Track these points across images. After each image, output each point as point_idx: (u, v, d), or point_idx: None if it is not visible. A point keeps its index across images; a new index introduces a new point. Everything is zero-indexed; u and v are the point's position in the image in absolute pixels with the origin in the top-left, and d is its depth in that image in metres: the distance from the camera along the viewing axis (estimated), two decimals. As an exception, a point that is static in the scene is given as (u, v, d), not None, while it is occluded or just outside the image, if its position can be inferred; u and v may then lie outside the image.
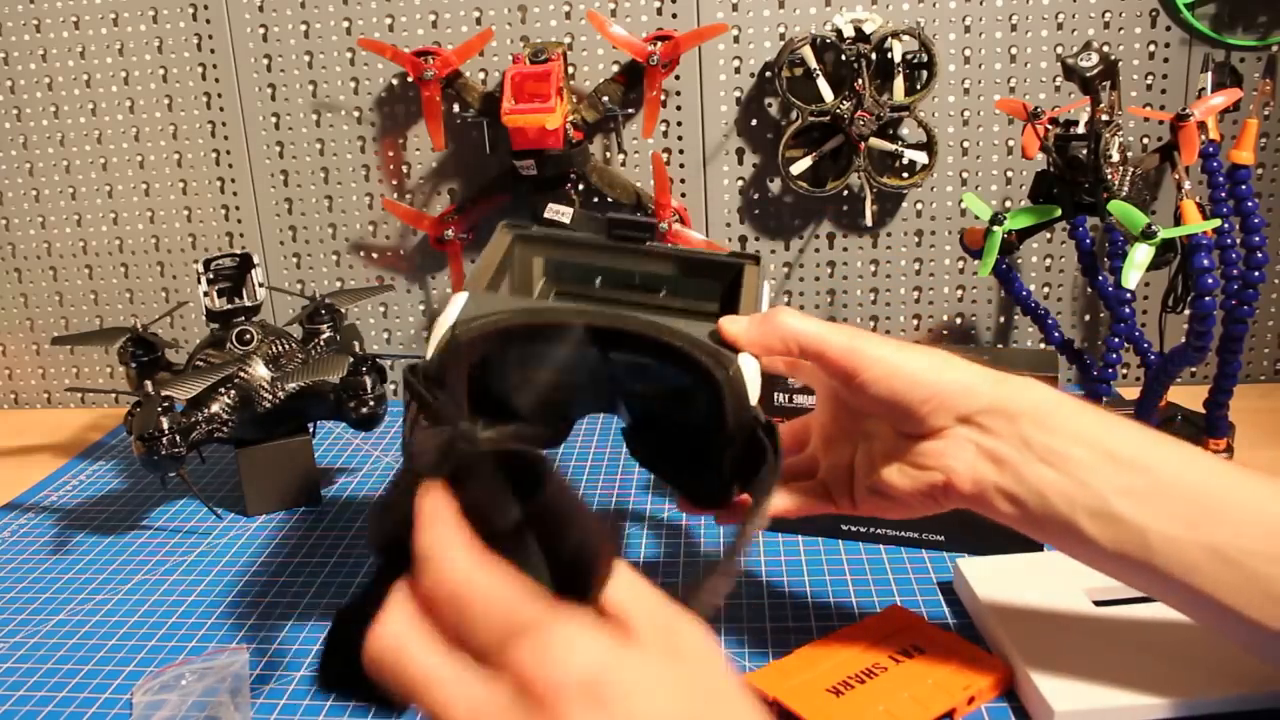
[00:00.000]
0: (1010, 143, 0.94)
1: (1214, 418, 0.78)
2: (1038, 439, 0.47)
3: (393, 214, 0.99)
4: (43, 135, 1.03)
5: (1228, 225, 0.73)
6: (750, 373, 0.50)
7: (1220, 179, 0.75)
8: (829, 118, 0.90)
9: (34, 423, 1.07)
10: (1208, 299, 0.67)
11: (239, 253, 0.82)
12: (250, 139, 1.00)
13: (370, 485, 0.85)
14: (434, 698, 0.33)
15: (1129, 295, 0.79)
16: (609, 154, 0.97)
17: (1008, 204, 0.96)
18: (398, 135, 0.99)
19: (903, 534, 0.69)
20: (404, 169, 1.00)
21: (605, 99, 0.92)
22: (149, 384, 0.73)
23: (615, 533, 0.42)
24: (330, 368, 0.79)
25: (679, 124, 0.96)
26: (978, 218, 0.75)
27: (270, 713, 0.55)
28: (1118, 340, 0.78)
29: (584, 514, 0.35)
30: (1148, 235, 0.64)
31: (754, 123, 0.95)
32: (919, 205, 0.96)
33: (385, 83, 0.97)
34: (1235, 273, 0.72)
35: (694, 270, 0.62)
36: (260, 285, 0.82)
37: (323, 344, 0.84)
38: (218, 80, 0.99)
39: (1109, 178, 0.71)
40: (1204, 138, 0.74)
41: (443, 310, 0.53)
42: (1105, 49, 0.72)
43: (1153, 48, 0.91)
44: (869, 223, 0.94)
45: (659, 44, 0.88)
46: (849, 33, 0.89)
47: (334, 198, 1.01)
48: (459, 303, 0.52)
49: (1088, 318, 0.99)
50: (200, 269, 0.81)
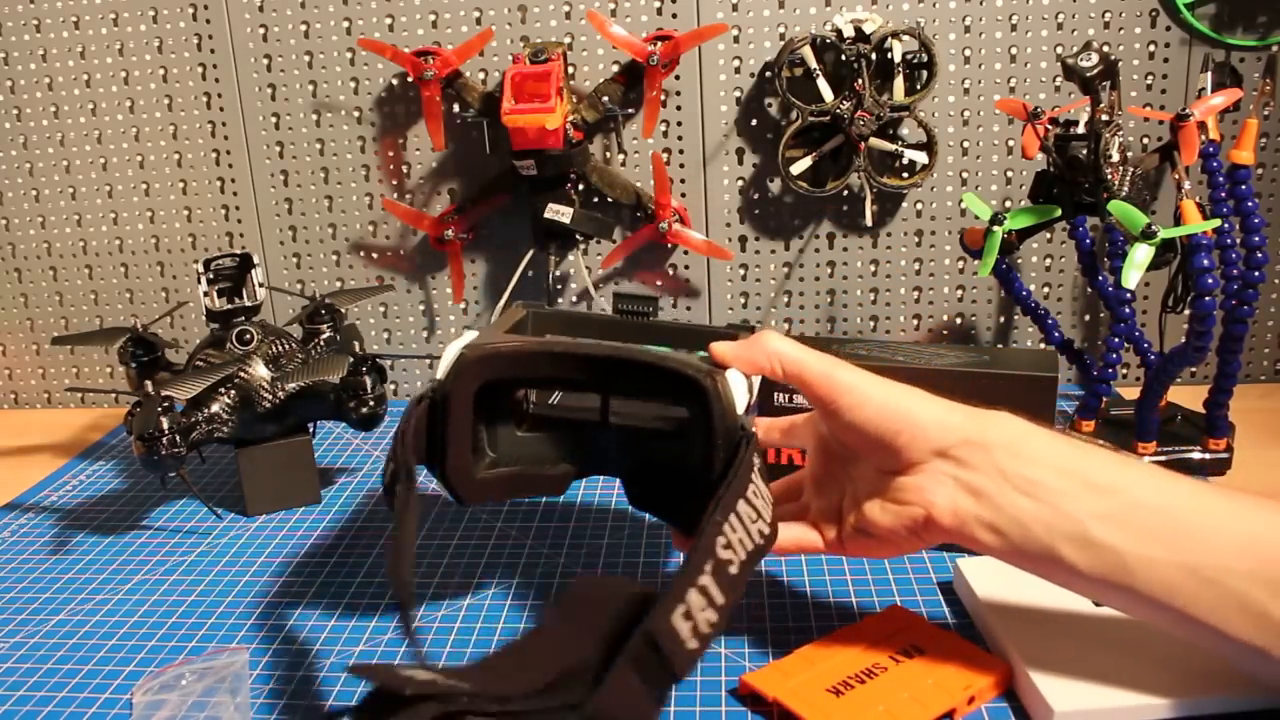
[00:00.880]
0: (1010, 143, 0.94)
1: (1214, 418, 0.78)
2: (1013, 469, 0.48)
3: (393, 214, 0.99)
4: (43, 135, 1.03)
5: (1228, 225, 0.73)
6: (737, 385, 0.53)
7: (1220, 179, 0.75)
8: (829, 118, 0.90)
9: (34, 423, 1.07)
10: (1208, 299, 0.67)
11: (239, 253, 0.82)
12: (250, 139, 1.00)
13: (370, 485, 0.85)
14: None
15: (1129, 295, 0.79)
16: (609, 154, 0.97)
17: (1008, 204, 0.96)
18: (398, 135, 0.99)
19: (903, 534, 0.69)
20: (404, 169, 1.00)
21: (605, 99, 0.92)
22: (149, 384, 0.73)
23: None
24: (330, 368, 0.79)
25: (679, 124, 0.96)
26: (978, 218, 0.75)
27: (270, 713, 0.55)
28: (1118, 340, 0.78)
29: None
30: (1148, 235, 0.64)
31: (754, 123, 0.95)
32: (919, 205, 0.96)
33: (385, 83, 0.97)
34: (1235, 273, 0.72)
35: (695, 339, 0.67)
36: (260, 285, 0.82)
37: (323, 344, 0.84)
38: (218, 80, 0.99)
39: (1109, 178, 0.71)
40: (1204, 138, 0.74)
41: (456, 339, 0.57)
42: (1105, 49, 0.72)
43: (1153, 48, 0.91)
44: (869, 223, 0.94)
45: (659, 44, 0.88)
46: (849, 33, 0.89)
47: (334, 198, 1.01)
48: (469, 334, 0.57)
49: (1088, 318, 0.99)
50: (200, 269, 0.81)
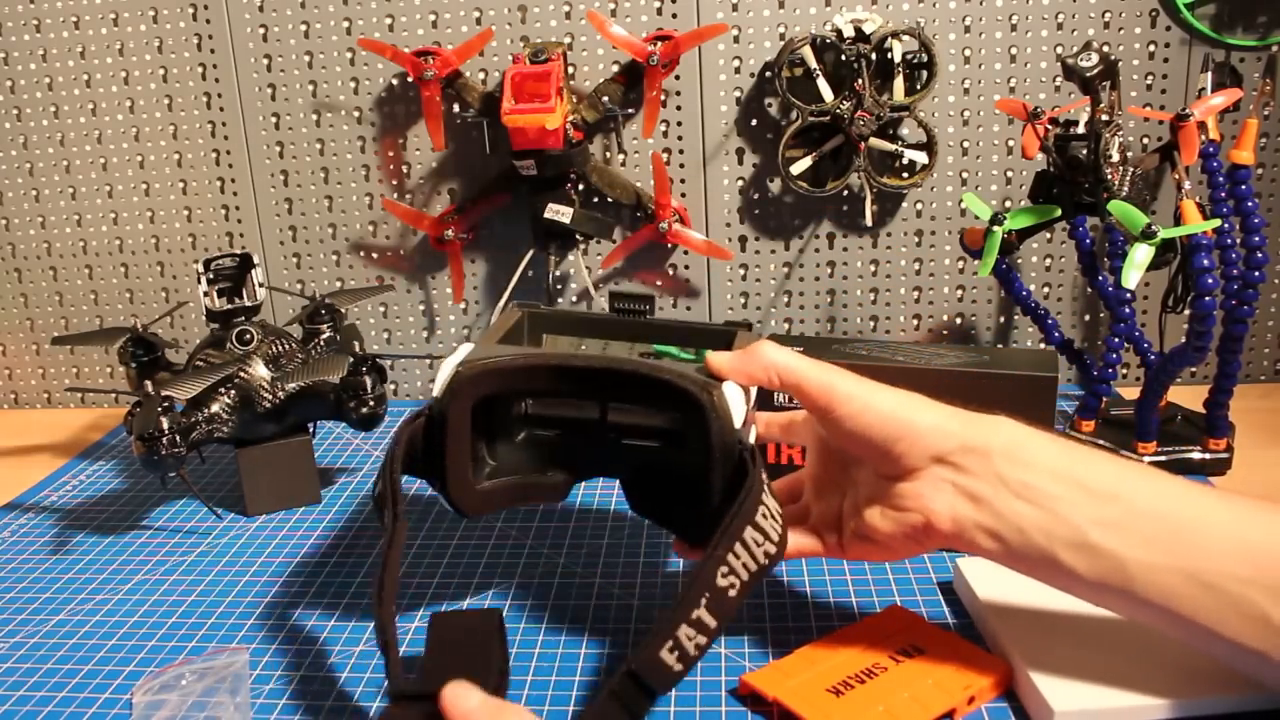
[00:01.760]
0: (1010, 143, 0.94)
1: (1214, 418, 0.78)
2: (1012, 475, 0.48)
3: (393, 214, 0.99)
4: (43, 135, 1.03)
5: (1228, 225, 0.73)
6: (735, 399, 0.53)
7: (1220, 179, 0.75)
8: (829, 118, 0.90)
9: (34, 423, 1.07)
10: (1208, 299, 0.67)
11: (239, 253, 0.82)
12: (250, 139, 1.00)
13: (370, 485, 0.85)
14: None
15: (1129, 295, 0.79)
16: (609, 154, 0.97)
17: (1008, 204, 0.96)
18: (398, 135, 0.99)
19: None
20: (404, 169, 1.00)
21: (605, 99, 0.92)
22: (149, 384, 0.73)
23: None
24: (330, 368, 0.79)
25: (679, 124, 0.96)
26: (978, 218, 0.75)
27: (270, 713, 0.55)
28: (1118, 340, 0.78)
29: None
30: (1148, 235, 0.64)
31: (754, 123, 0.95)
32: (919, 205, 0.96)
33: (385, 83, 0.97)
34: (1235, 273, 0.72)
35: (693, 336, 0.68)
36: (260, 285, 0.82)
37: (323, 344, 0.84)
38: (218, 80, 0.99)
39: (1109, 178, 0.71)
40: (1204, 138, 0.74)
41: (449, 355, 0.57)
42: (1105, 49, 0.72)
43: (1153, 48, 0.91)
44: (869, 223, 0.94)
45: (659, 44, 0.88)
46: (849, 33, 0.89)
47: (334, 198, 1.01)
48: (464, 349, 0.57)
49: (1088, 318, 0.99)
50: (200, 269, 0.81)
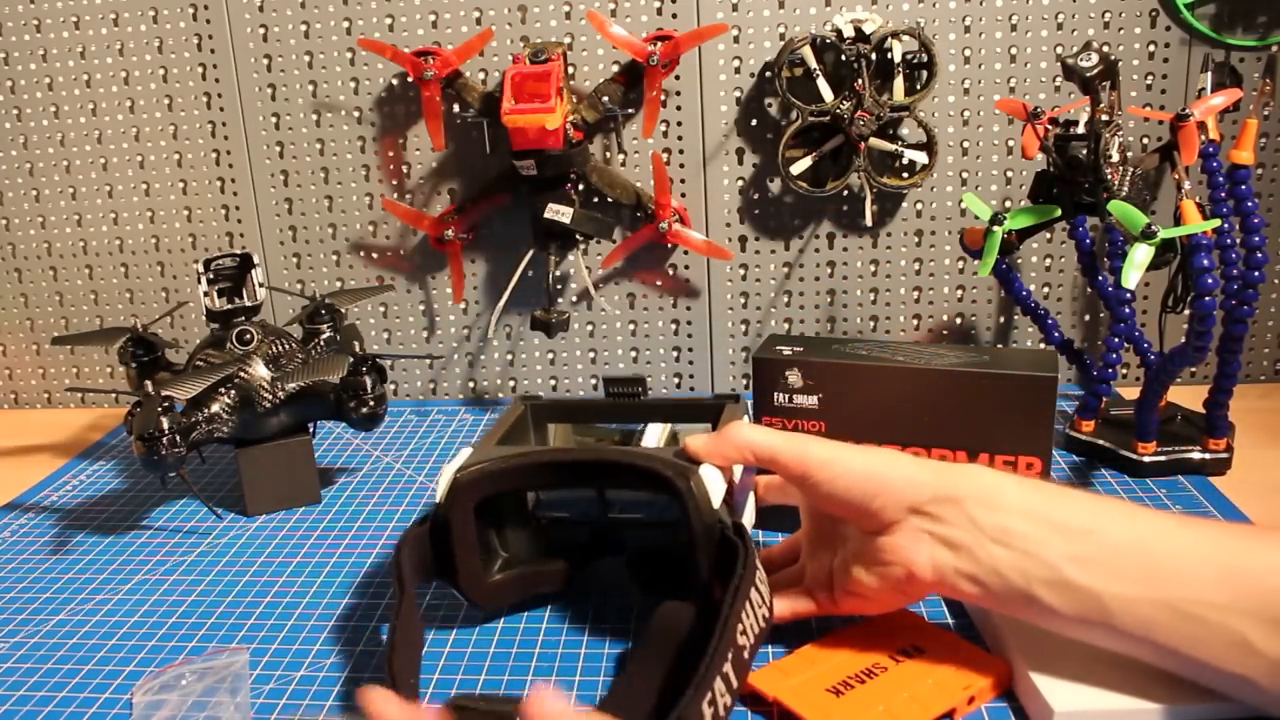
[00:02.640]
0: (1010, 143, 0.94)
1: (1214, 418, 0.78)
2: (986, 519, 0.50)
3: (393, 214, 0.99)
4: (43, 135, 1.03)
5: (1228, 225, 0.73)
6: (713, 480, 0.56)
7: (1220, 179, 0.75)
8: (829, 118, 0.90)
9: (34, 423, 1.07)
10: (1208, 299, 0.67)
11: (239, 253, 0.82)
12: (250, 139, 1.00)
13: (370, 485, 0.85)
14: None
15: (1129, 295, 0.79)
16: (609, 154, 0.97)
17: (1008, 204, 0.96)
18: (398, 135, 0.99)
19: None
20: (404, 169, 1.00)
21: (605, 99, 0.92)
22: (149, 384, 0.73)
23: None
24: (330, 368, 0.79)
25: (679, 124, 0.96)
26: (978, 218, 0.75)
27: (270, 713, 0.55)
28: (1118, 340, 0.78)
29: None
30: (1148, 235, 0.64)
31: (754, 123, 0.95)
32: (919, 205, 0.96)
33: (385, 83, 0.97)
34: (1235, 273, 0.72)
35: (682, 412, 0.72)
36: (260, 285, 0.82)
37: (323, 344, 0.84)
38: (218, 80, 0.99)
39: (1109, 178, 0.71)
40: (1204, 138, 0.74)
41: (452, 459, 0.61)
42: (1105, 49, 0.72)
43: (1153, 48, 0.91)
44: (869, 223, 0.94)
45: (659, 44, 0.88)
46: (849, 33, 0.89)
47: (334, 198, 1.01)
48: (464, 453, 0.61)
49: (1088, 318, 0.99)
50: (200, 269, 0.81)
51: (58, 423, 1.07)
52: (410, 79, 0.94)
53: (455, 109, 0.97)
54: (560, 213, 0.90)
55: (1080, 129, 0.72)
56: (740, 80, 0.94)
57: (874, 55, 0.88)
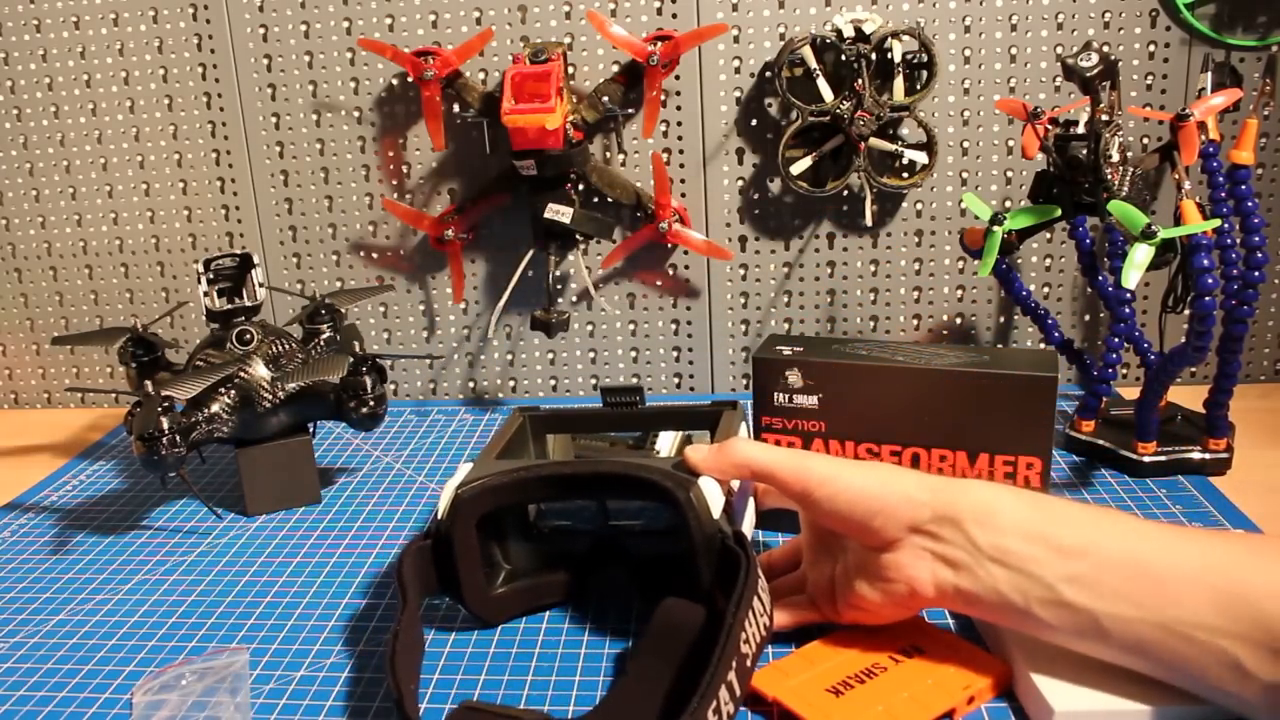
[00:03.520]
0: (1010, 143, 0.94)
1: (1214, 418, 0.78)
2: (985, 540, 0.50)
3: (393, 214, 0.99)
4: (43, 135, 1.03)
5: (1228, 225, 0.73)
6: (712, 491, 0.56)
7: (1220, 179, 0.75)
8: (829, 118, 0.90)
9: (34, 423, 1.07)
10: (1208, 299, 0.67)
11: (239, 253, 0.82)
12: (250, 139, 1.00)
13: (370, 485, 0.85)
14: None
15: (1129, 295, 0.79)
16: (609, 154, 0.97)
17: (1008, 204, 0.96)
18: (398, 135, 0.99)
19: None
20: (404, 169, 1.00)
21: (605, 99, 0.92)
22: (149, 384, 0.73)
23: None
24: (330, 368, 0.79)
25: (679, 124, 0.96)
26: (978, 218, 0.75)
27: (270, 713, 0.55)
28: (1118, 340, 0.78)
29: None
30: (1148, 235, 0.64)
31: (754, 123, 0.95)
32: (919, 205, 0.96)
33: (385, 83, 0.97)
34: (1235, 273, 0.72)
35: (681, 419, 0.73)
36: (260, 285, 0.82)
37: (323, 344, 0.84)
38: (218, 80, 0.99)
39: (1109, 178, 0.70)
40: (1204, 138, 0.74)
41: (453, 475, 0.61)
42: (1105, 49, 0.71)
43: (1153, 48, 0.91)
44: (869, 223, 0.94)
45: (659, 44, 0.88)
46: (849, 33, 0.89)
47: (334, 198, 1.01)
48: (464, 469, 0.61)
49: (1088, 318, 0.99)
50: (200, 269, 0.81)
51: (58, 423, 1.07)
52: (410, 79, 0.94)
53: (455, 109, 0.97)
54: (560, 213, 0.90)
55: (1080, 129, 0.72)
56: (740, 80, 0.94)
57: (874, 55, 0.88)
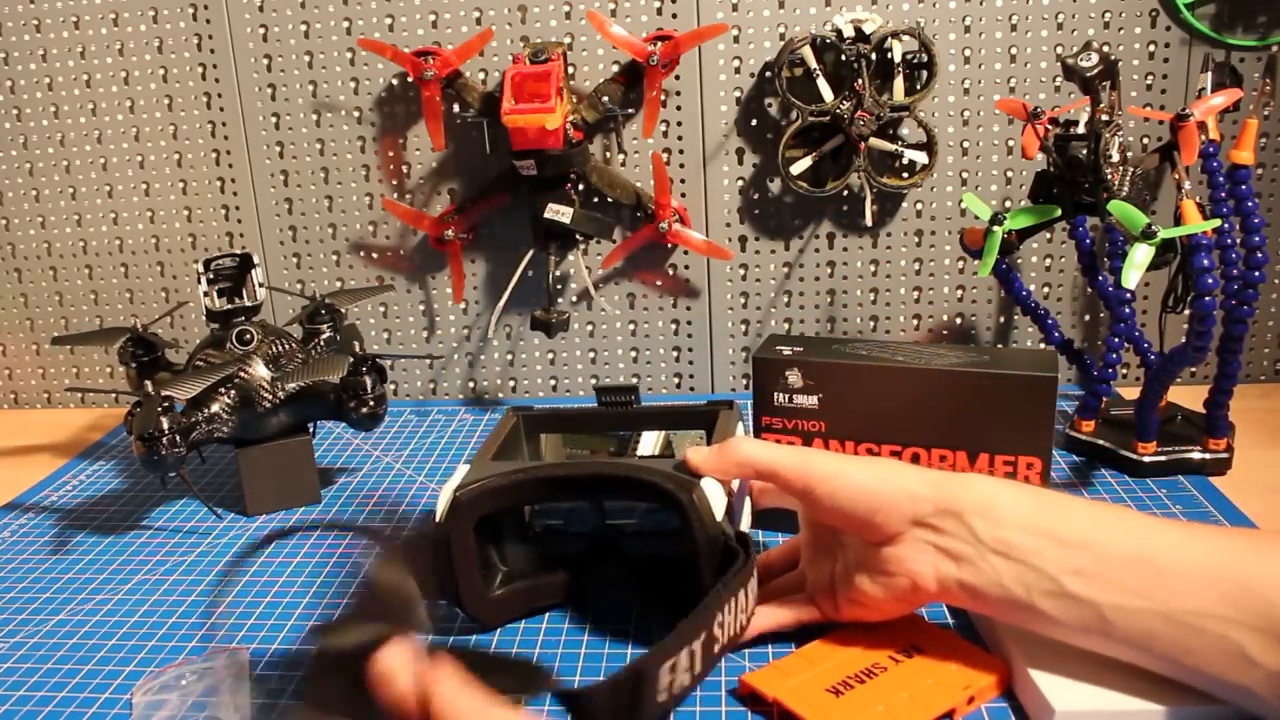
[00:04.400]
0: (1010, 143, 0.94)
1: (1214, 418, 0.78)
2: (987, 532, 0.50)
3: (393, 214, 0.99)
4: (43, 135, 1.03)
5: (1228, 225, 0.73)
6: (714, 493, 0.56)
7: (1220, 179, 0.75)
8: (829, 118, 0.90)
9: (34, 423, 1.07)
10: (1208, 299, 0.67)
11: (239, 253, 0.82)
12: (250, 139, 1.00)
13: (370, 485, 0.85)
14: None
15: (1129, 295, 0.79)
16: (609, 154, 0.97)
17: (1008, 204, 0.96)
18: (398, 135, 0.99)
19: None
20: (404, 169, 1.00)
21: (605, 99, 0.92)
22: (149, 384, 0.73)
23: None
24: (330, 368, 0.79)
25: (679, 124, 0.96)
26: (978, 218, 0.75)
27: (270, 713, 0.55)
28: (1118, 340, 0.78)
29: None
30: (1148, 235, 0.64)
31: (754, 123, 0.95)
32: (919, 205, 0.96)
33: (385, 83, 0.97)
34: (1235, 273, 0.72)
35: (677, 419, 0.73)
36: (260, 285, 0.82)
37: (323, 344, 0.84)
38: (218, 80, 0.99)
39: (1109, 178, 0.70)
40: (1204, 138, 0.74)
41: (450, 478, 0.61)
42: (1105, 49, 0.72)
43: (1153, 48, 0.91)
44: (869, 223, 0.94)
45: (659, 44, 0.88)
46: (849, 33, 0.89)
47: (334, 198, 1.01)
48: (461, 471, 0.61)
49: (1088, 318, 0.99)
50: (200, 269, 0.81)
51: (58, 423, 1.07)
52: (410, 79, 0.94)
53: (455, 109, 0.97)
54: (560, 213, 0.90)
55: (1080, 129, 0.72)
56: (740, 80, 0.94)
57: (874, 55, 0.88)
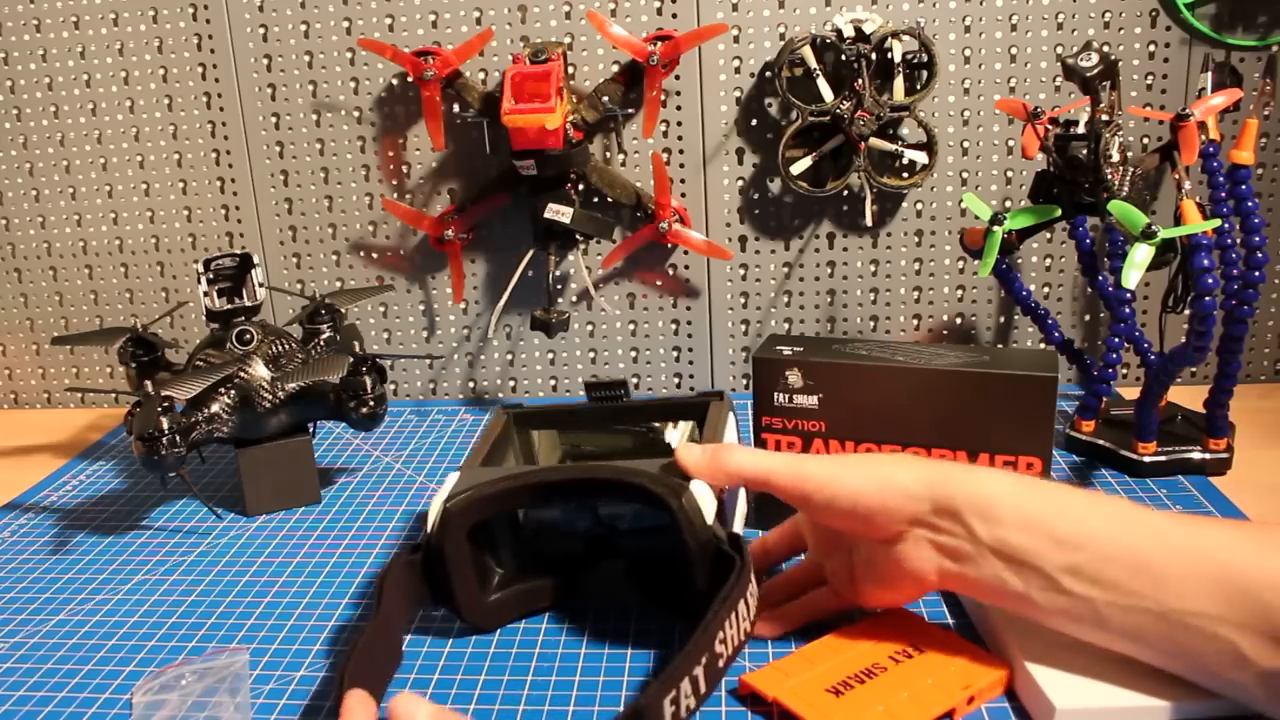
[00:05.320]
0: (1010, 143, 0.94)
1: (1214, 418, 0.78)
2: (984, 532, 0.51)
3: (393, 214, 0.99)
4: (43, 135, 1.03)
5: (1228, 225, 0.73)
6: (703, 496, 0.56)
7: (1220, 179, 0.75)
8: (829, 118, 0.89)
9: (34, 423, 1.07)
10: (1208, 299, 0.67)
11: (239, 253, 0.82)
12: (250, 139, 1.00)
13: (370, 485, 0.85)
14: None
15: (1129, 295, 0.79)
16: (609, 154, 0.97)
17: (1008, 204, 0.96)
18: (398, 135, 0.99)
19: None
20: (404, 169, 1.00)
21: (605, 99, 0.92)
22: (149, 384, 0.73)
23: None
24: (330, 368, 0.79)
25: (679, 124, 0.96)
26: (978, 218, 0.75)
27: (270, 713, 0.55)
28: (1118, 340, 0.78)
29: None
30: (1148, 235, 0.64)
31: (754, 123, 0.95)
32: (919, 205, 0.96)
33: (385, 83, 0.97)
34: (1235, 273, 0.72)
35: (668, 412, 0.73)
36: (260, 285, 0.82)
37: (323, 344, 0.84)
38: (218, 80, 0.99)
39: (1109, 178, 0.70)
40: (1204, 138, 0.74)
41: (440, 487, 0.60)
42: (1105, 49, 0.72)
43: (1153, 48, 0.91)
44: (869, 223, 0.94)
45: (659, 44, 0.88)
46: (849, 33, 0.89)
47: (334, 198, 1.01)
48: (452, 480, 0.61)
49: (1088, 318, 0.99)
50: (200, 269, 0.81)
51: (58, 423, 1.07)
52: (410, 79, 0.94)
53: (455, 109, 0.97)
54: (560, 213, 0.90)
55: (1080, 129, 0.72)
56: (740, 80, 0.94)
57: (874, 55, 0.88)
